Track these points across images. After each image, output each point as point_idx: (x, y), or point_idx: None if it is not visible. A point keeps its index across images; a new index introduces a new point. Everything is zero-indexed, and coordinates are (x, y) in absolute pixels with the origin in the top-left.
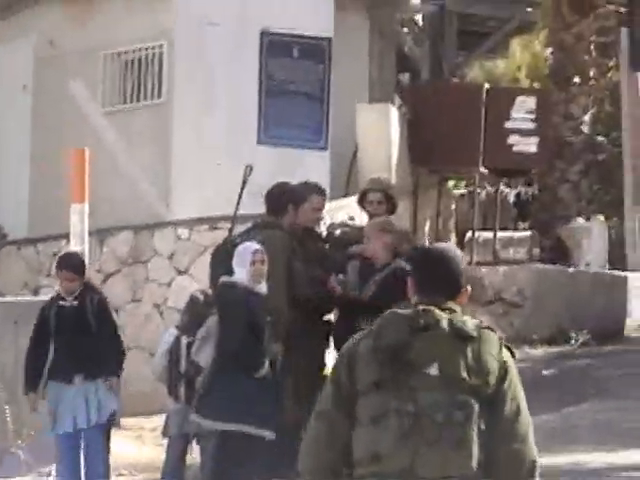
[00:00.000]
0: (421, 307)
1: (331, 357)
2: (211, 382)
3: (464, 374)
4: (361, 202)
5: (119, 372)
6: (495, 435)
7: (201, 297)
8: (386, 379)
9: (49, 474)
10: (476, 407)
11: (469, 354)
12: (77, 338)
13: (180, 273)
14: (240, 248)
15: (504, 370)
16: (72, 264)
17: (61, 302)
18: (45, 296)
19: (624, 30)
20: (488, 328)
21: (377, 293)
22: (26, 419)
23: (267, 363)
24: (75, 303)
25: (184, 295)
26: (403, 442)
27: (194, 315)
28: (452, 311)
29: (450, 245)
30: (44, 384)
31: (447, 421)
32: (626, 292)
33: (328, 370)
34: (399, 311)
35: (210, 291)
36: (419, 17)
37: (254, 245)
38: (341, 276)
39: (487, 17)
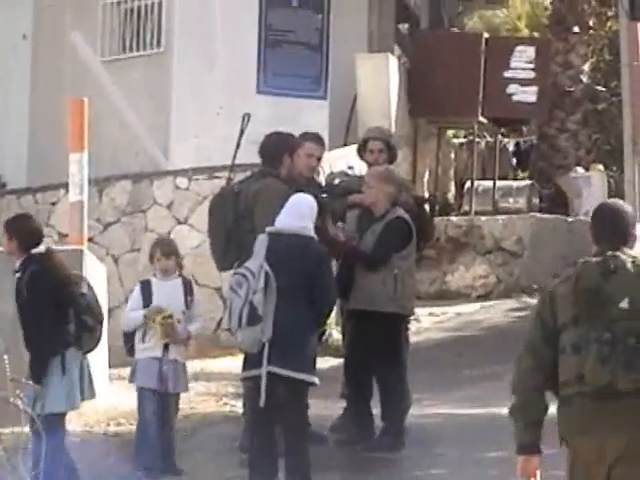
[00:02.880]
0: (609, 253)
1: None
2: (305, 336)
3: None
4: (361, 151)
5: (37, 373)
6: None
7: None
8: (583, 315)
9: None
10: None
11: None
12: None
13: (179, 222)
14: (311, 201)
15: None
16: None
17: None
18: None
19: None
20: None
21: (377, 243)
22: (25, 369)
23: None
24: (18, 275)
25: (183, 245)
26: (603, 365)
27: None
28: (631, 255)
29: (621, 202)
30: None
31: (638, 344)
32: None
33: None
34: (591, 259)
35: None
36: None
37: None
38: (340, 224)
39: None
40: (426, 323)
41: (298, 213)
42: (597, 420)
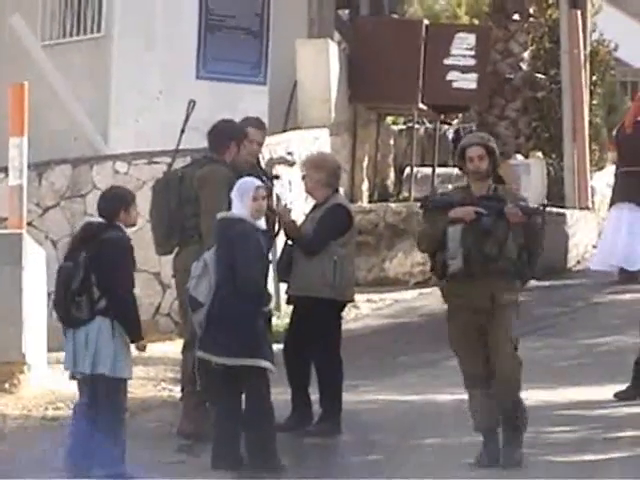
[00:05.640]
0: None
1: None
2: (222, 317)
3: None
4: (460, 161)
5: None
6: None
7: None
8: None
9: None
10: None
11: None
12: None
13: None
14: (242, 183)
15: None
16: None
17: None
18: None
19: None
20: None
21: (315, 230)
22: None
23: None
24: None
25: None
26: None
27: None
28: None
29: None
30: None
31: None
32: (565, 229)
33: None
34: None
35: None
36: None
37: (256, 181)
38: (283, 203)
39: None
40: (364, 310)
41: (234, 197)
42: None
